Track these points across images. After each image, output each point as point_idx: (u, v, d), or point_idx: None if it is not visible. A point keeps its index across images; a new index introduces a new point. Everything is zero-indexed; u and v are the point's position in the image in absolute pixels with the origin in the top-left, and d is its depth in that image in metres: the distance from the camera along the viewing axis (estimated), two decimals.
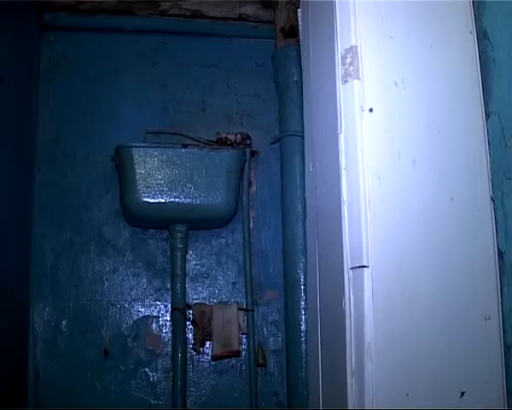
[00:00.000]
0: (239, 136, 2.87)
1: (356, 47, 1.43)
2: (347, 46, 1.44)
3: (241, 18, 3.16)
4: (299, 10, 1.95)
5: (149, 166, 2.65)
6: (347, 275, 1.40)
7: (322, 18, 1.65)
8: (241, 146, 2.85)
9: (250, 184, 2.94)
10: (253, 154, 2.94)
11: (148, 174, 2.64)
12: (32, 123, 2.85)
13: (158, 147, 2.71)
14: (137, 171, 2.64)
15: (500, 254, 1.45)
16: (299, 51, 2.45)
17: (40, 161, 2.89)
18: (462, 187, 1.47)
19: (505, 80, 1.48)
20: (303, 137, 2.15)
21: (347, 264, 1.41)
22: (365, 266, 1.35)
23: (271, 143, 2.96)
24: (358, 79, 1.41)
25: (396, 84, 1.44)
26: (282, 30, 2.94)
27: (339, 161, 1.44)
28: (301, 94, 2.06)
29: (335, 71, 1.47)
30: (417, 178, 1.43)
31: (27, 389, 2.67)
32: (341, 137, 1.44)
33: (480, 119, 1.52)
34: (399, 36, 1.47)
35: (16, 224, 2.61)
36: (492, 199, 1.48)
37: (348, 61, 1.43)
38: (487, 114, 1.52)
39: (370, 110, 1.40)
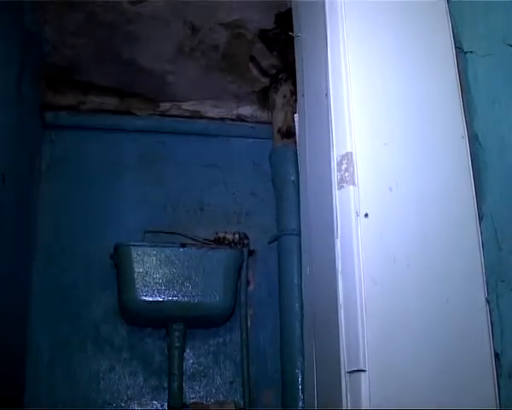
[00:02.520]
0: (237, 235, 2.90)
1: (351, 153, 1.46)
2: (343, 152, 1.47)
3: (239, 118, 3.24)
4: (296, 115, 2.00)
5: (148, 264, 2.67)
6: (344, 379, 1.39)
7: (318, 125, 1.69)
8: (238, 245, 2.88)
9: (248, 282, 2.95)
10: (250, 253, 2.96)
11: (147, 273, 2.66)
12: (31, 220, 2.88)
13: (156, 246, 2.74)
14: (136, 269, 2.66)
15: (496, 355, 1.45)
16: (296, 152, 2.49)
17: (39, 257, 2.90)
18: (457, 289, 1.47)
19: (497, 183, 1.51)
20: (300, 236, 2.17)
21: (344, 367, 1.40)
22: (362, 371, 1.34)
23: (269, 243, 2.99)
24: (354, 184, 1.44)
25: (390, 190, 1.47)
26: (279, 131, 3.01)
27: (335, 265, 1.45)
28: (298, 194, 2.08)
29: (331, 176, 1.50)
30: (413, 281, 1.44)
31: None
32: (337, 242, 1.46)
33: (473, 221, 1.54)
34: (394, 142, 1.51)
35: (13, 320, 2.59)
36: (488, 301, 1.49)
37: (344, 167, 1.46)
38: (480, 217, 1.54)
39: (366, 215, 1.42)
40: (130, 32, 2.84)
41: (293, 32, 2.12)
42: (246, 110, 3.27)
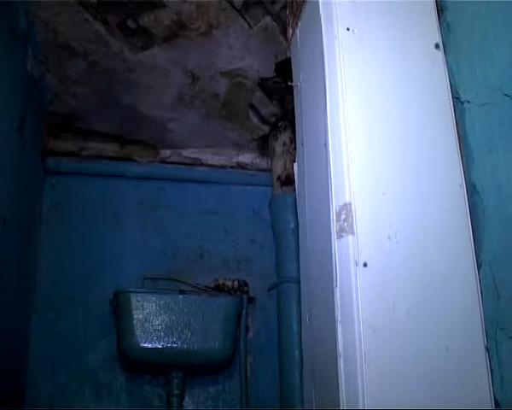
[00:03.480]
0: (236, 282, 2.91)
1: (350, 204, 1.47)
2: (342, 203, 1.49)
3: (239, 166, 3.26)
4: (295, 164, 2.02)
5: (147, 311, 2.67)
6: None
7: (317, 174, 1.71)
8: (238, 292, 2.89)
9: (247, 330, 2.94)
10: (250, 300, 2.96)
11: (146, 320, 2.65)
12: (31, 265, 2.88)
13: (156, 293, 2.74)
14: (135, 316, 2.65)
15: (496, 403, 1.45)
16: (295, 199, 2.50)
17: (38, 302, 2.90)
18: (456, 337, 1.48)
19: (495, 232, 1.51)
20: (300, 284, 2.17)
21: None
22: None
23: (269, 290, 2.99)
24: (353, 234, 1.45)
25: (389, 238, 1.48)
26: (278, 178, 3.02)
27: (334, 314, 1.46)
28: (298, 242, 2.09)
29: (330, 226, 1.51)
30: (412, 329, 1.44)
31: None
32: (337, 290, 1.47)
33: (472, 269, 1.54)
34: (392, 192, 1.52)
35: (11, 366, 2.58)
36: (487, 348, 1.49)
37: (343, 217, 1.47)
38: (479, 265, 1.55)
39: (365, 265, 1.43)
40: (131, 79, 2.87)
41: (292, 81, 2.15)
42: (246, 158, 3.30)
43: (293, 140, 2.97)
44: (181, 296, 2.74)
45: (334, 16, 1.69)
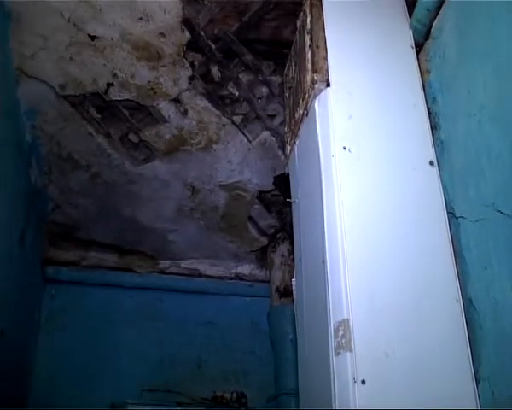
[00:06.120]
0: (235, 394, 2.88)
1: (348, 320, 1.48)
2: (339, 319, 1.50)
3: (238, 277, 3.28)
4: (293, 280, 2.03)
5: None
6: None
7: (315, 290, 1.72)
8: (236, 405, 2.85)
9: None
10: None
11: None
12: (29, 372, 2.86)
13: (153, 405, 2.71)
14: None
15: None
16: (293, 311, 2.50)
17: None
18: None
19: (492, 347, 1.52)
20: (298, 396, 2.15)
21: None
22: None
23: (267, 402, 2.95)
24: (351, 351, 1.45)
25: (387, 355, 1.48)
26: (277, 289, 3.03)
27: None
28: (296, 353, 2.08)
29: (328, 342, 1.52)
30: None
31: None
32: (335, 407, 1.46)
33: (471, 386, 1.54)
34: (389, 308, 1.53)
35: None
36: None
37: (340, 333, 1.48)
38: (477, 380, 1.54)
39: (363, 382, 1.43)
40: (132, 191, 2.93)
41: (290, 195, 2.18)
42: (244, 269, 3.32)
43: (291, 252, 3.00)
44: (178, 409, 2.70)
45: (331, 135, 1.74)
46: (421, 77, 1.93)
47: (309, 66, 1.90)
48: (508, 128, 1.50)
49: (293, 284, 2.01)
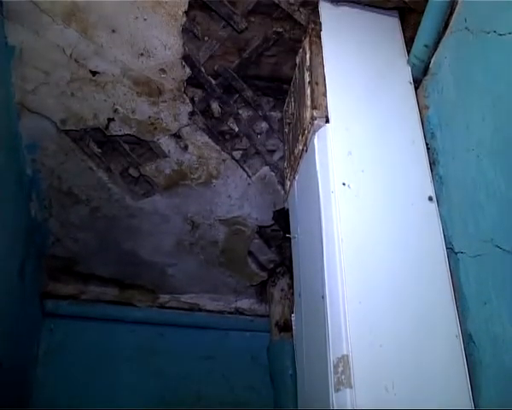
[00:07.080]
0: None
1: (347, 356, 1.48)
2: (339, 355, 1.50)
3: (238, 311, 3.28)
4: (293, 315, 2.03)
5: None
6: None
7: (315, 326, 1.72)
8: None
9: None
10: None
11: None
12: (26, 407, 2.84)
13: None
14: None
15: None
16: (293, 345, 2.50)
17: None
18: None
19: (492, 382, 1.52)
20: None
21: None
22: None
23: None
24: (350, 387, 1.45)
25: (387, 390, 1.48)
26: (276, 324, 3.03)
27: None
28: (296, 388, 2.07)
29: (328, 378, 1.52)
30: None
31: None
32: None
33: None
34: (389, 344, 1.53)
35: None
36: None
37: (340, 369, 1.48)
38: None
39: None
40: (132, 225, 2.93)
41: (289, 229, 2.19)
42: (244, 303, 3.32)
43: (291, 286, 3.00)
44: None
45: (330, 170, 1.76)
46: (420, 113, 1.95)
47: (308, 102, 1.91)
48: (506, 162, 1.51)
49: (293, 319, 2.01)
